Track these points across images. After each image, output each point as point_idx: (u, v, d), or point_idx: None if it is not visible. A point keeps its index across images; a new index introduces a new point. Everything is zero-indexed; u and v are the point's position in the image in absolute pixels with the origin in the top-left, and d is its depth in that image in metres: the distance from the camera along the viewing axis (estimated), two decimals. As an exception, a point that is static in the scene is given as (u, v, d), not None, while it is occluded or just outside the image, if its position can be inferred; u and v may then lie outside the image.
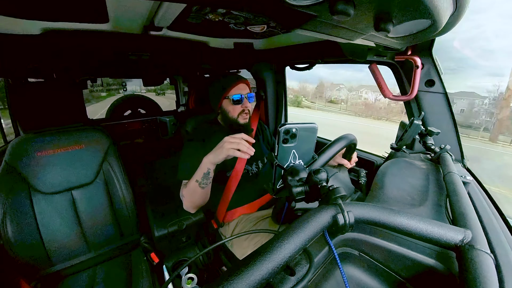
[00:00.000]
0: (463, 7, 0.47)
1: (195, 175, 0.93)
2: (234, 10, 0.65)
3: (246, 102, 1.13)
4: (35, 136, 1.05)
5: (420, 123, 0.89)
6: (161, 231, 1.02)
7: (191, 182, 0.94)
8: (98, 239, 1.16)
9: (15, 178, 0.99)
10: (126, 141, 1.94)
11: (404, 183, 0.73)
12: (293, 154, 0.55)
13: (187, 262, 0.52)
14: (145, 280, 1.06)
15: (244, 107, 1.12)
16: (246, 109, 1.13)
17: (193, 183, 0.93)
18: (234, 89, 1.11)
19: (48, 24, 0.75)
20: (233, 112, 1.13)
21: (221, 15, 0.70)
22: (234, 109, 1.12)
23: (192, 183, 0.93)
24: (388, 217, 0.41)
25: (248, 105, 1.13)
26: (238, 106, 1.12)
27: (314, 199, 0.49)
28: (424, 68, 0.95)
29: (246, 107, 1.13)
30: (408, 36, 0.59)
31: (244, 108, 1.12)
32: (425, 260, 0.45)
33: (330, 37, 0.58)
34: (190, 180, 0.94)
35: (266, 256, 0.32)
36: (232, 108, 1.12)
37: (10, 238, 0.94)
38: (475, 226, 0.44)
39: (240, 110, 1.12)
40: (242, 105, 1.12)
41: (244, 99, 1.12)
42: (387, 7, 0.38)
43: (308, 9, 0.37)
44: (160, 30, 0.83)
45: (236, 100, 1.10)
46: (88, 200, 1.14)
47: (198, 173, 0.91)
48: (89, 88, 2.26)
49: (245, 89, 1.14)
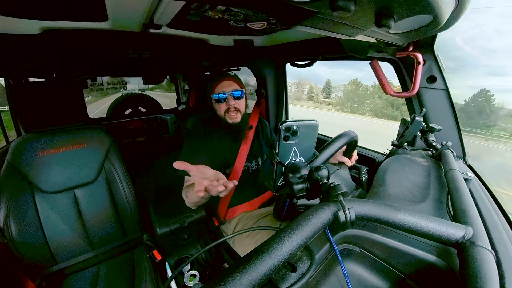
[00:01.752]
0: (465, 2, 0.47)
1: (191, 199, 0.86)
2: (234, 7, 0.65)
3: (231, 100, 1.08)
4: (37, 135, 1.06)
5: (421, 120, 0.89)
6: (163, 229, 1.03)
7: (193, 198, 0.86)
8: (100, 237, 1.17)
9: (18, 177, 0.99)
10: (127, 140, 1.94)
11: (405, 180, 0.73)
12: (294, 151, 0.55)
13: (189, 259, 0.53)
14: (148, 277, 1.07)
15: (229, 105, 1.09)
16: (231, 107, 1.09)
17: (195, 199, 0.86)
18: (218, 87, 1.09)
19: (48, 24, 0.75)
20: (219, 110, 1.11)
21: (220, 12, 0.70)
22: (220, 108, 1.10)
23: (194, 198, 0.86)
24: (389, 214, 0.41)
25: (232, 102, 1.08)
26: (222, 104, 1.09)
27: (315, 196, 0.49)
28: (425, 64, 0.94)
29: (230, 105, 1.09)
30: (409, 32, 0.58)
31: (228, 106, 1.09)
32: (426, 256, 0.45)
33: (331, 33, 0.57)
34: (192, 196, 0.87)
35: (267, 252, 0.33)
36: (218, 107, 1.10)
37: (14, 237, 0.95)
38: (476, 223, 0.44)
39: (225, 108, 1.09)
40: (226, 103, 1.09)
41: (228, 96, 1.08)
42: (388, 3, 0.38)
43: (308, 6, 0.37)
44: (159, 28, 0.82)
45: (218, 99, 1.08)
46: (90, 199, 1.15)
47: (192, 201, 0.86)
48: (90, 87, 2.26)
49: (229, 86, 1.10)
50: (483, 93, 30.77)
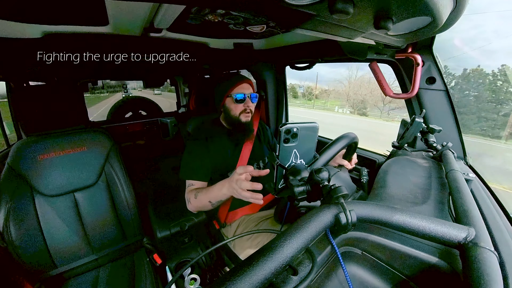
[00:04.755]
0: (463, 3, 0.47)
1: (210, 197, 0.90)
2: (233, 10, 0.65)
3: (249, 102, 1.14)
4: (37, 139, 1.06)
5: (421, 121, 0.89)
6: (164, 232, 1.02)
7: (204, 201, 0.92)
8: (100, 240, 1.16)
9: (18, 181, 0.99)
10: (127, 143, 1.95)
11: (406, 181, 0.73)
12: (295, 154, 0.55)
13: (190, 263, 0.52)
14: (148, 281, 1.06)
15: (246, 106, 1.13)
16: (248, 109, 1.13)
17: (205, 202, 0.92)
18: (237, 88, 1.12)
19: (49, 28, 0.75)
20: (235, 110, 1.13)
21: (220, 15, 0.70)
22: (236, 108, 1.13)
23: (204, 202, 0.92)
24: (391, 215, 0.41)
25: (250, 104, 1.14)
26: (240, 105, 1.12)
27: (316, 198, 0.49)
28: (424, 65, 0.94)
29: (248, 107, 1.13)
30: (408, 33, 0.58)
31: (246, 107, 1.13)
32: (428, 258, 0.45)
33: (330, 36, 0.58)
34: (203, 199, 0.93)
35: (268, 256, 0.32)
36: (234, 107, 1.13)
37: (14, 241, 0.95)
38: (479, 224, 0.43)
39: (242, 109, 1.13)
40: (244, 104, 1.13)
41: (247, 98, 1.13)
42: (386, 5, 0.38)
43: (307, 8, 0.37)
44: (160, 32, 0.83)
45: (238, 99, 1.11)
46: (91, 202, 1.15)
47: (213, 197, 0.89)
48: (90, 90, 2.27)
49: (248, 88, 1.14)
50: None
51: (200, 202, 0.94)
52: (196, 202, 0.96)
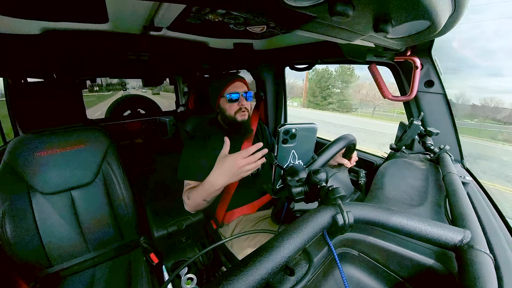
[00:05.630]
0: (462, 7, 0.48)
1: (204, 195, 0.90)
2: (234, 10, 0.65)
3: (243, 100, 1.12)
4: (34, 136, 1.05)
5: (419, 124, 0.89)
6: (161, 232, 1.02)
7: (197, 200, 0.92)
8: (97, 239, 1.15)
9: (14, 178, 0.98)
10: (125, 141, 1.94)
11: (404, 184, 0.73)
12: (293, 154, 0.55)
13: (186, 263, 0.52)
14: (145, 281, 1.06)
15: (241, 105, 1.12)
16: (243, 107, 1.12)
17: (200, 201, 0.92)
18: (230, 87, 1.11)
19: (48, 24, 0.75)
20: (229, 110, 1.12)
21: (221, 15, 0.70)
22: (231, 107, 1.12)
23: (198, 201, 0.92)
24: (388, 217, 0.41)
25: (245, 103, 1.13)
26: (234, 104, 1.11)
27: (313, 199, 0.49)
28: (423, 68, 0.95)
29: (243, 105, 1.12)
30: (407, 37, 0.59)
31: (241, 106, 1.12)
32: (424, 260, 0.45)
33: (330, 37, 0.58)
34: (196, 198, 0.93)
35: (265, 256, 0.32)
36: (229, 106, 1.12)
37: (9, 238, 0.94)
38: (474, 227, 0.44)
39: (237, 108, 1.12)
40: (239, 103, 1.11)
41: (241, 97, 1.11)
42: (386, 8, 0.39)
43: (307, 10, 0.37)
44: (160, 30, 0.83)
45: (232, 99, 1.10)
46: (88, 200, 1.14)
47: (207, 194, 0.89)
48: (89, 89, 2.27)
49: (242, 87, 1.13)
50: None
51: (194, 201, 0.94)
52: (191, 202, 0.95)
